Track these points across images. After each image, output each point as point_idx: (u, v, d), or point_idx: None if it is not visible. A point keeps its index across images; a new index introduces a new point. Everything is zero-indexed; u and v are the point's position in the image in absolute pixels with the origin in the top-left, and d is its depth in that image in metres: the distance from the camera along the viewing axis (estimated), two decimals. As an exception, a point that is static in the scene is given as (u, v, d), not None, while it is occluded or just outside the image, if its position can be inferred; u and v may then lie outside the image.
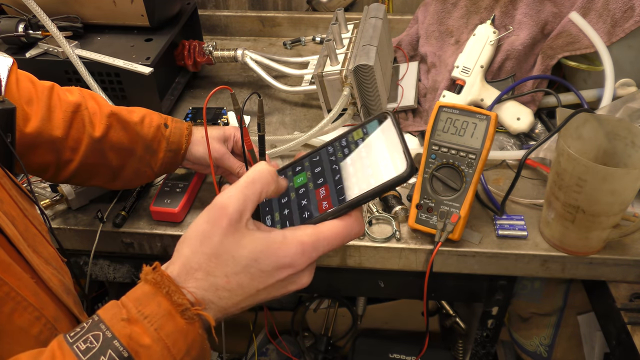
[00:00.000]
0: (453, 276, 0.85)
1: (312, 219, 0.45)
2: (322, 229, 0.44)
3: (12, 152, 0.56)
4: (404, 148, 0.43)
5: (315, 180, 0.48)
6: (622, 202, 0.67)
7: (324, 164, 0.48)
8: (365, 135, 0.47)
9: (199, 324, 0.41)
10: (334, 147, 0.49)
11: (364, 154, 0.46)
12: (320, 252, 0.44)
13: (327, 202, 0.45)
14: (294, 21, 1.34)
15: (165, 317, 0.39)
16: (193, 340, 0.40)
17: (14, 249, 0.47)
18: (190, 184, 0.84)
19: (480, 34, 0.98)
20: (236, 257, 0.42)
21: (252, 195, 0.43)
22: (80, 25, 1.01)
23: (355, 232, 0.45)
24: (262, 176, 0.44)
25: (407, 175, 0.42)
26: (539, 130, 0.97)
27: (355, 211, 0.45)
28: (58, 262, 0.54)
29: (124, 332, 0.38)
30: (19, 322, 0.44)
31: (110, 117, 0.72)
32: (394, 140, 0.44)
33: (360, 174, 0.44)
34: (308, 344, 1.33)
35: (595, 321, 0.94)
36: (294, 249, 0.43)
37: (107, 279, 0.94)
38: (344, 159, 0.47)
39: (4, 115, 0.55)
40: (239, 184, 0.43)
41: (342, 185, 0.45)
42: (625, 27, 0.89)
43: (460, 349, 1.20)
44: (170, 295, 0.40)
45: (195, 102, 1.12)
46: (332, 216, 0.44)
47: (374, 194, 0.43)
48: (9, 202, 0.50)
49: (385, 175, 0.43)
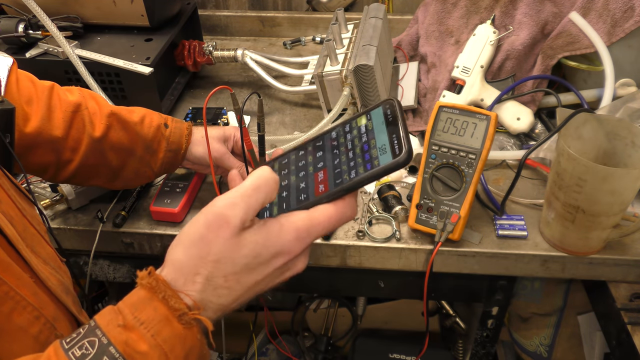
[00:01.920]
0: (453, 276, 0.85)
1: (306, 202, 0.45)
2: (315, 214, 0.44)
3: (10, 152, 0.56)
4: (404, 134, 0.43)
5: (316, 164, 0.48)
6: (622, 202, 0.67)
7: (325, 148, 0.48)
8: (368, 121, 0.47)
9: (197, 328, 0.40)
10: (337, 132, 0.49)
11: (364, 139, 0.46)
12: (314, 237, 0.44)
13: (323, 186, 0.45)
14: (294, 21, 1.34)
15: (162, 322, 0.39)
16: (191, 346, 0.40)
17: (13, 249, 0.47)
18: (190, 184, 0.84)
19: (480, 34, 0.98)
20: (236, 259, 0.41)
21: (255, 204, 0.42)
22: (80, 25, 1.01)
23: (348, 216, 0.45)
24: (267, 184, 0.42)
25: (403, 161, 0.42)
26: (539, 130, 0.97)
27: (348, 195, 0.45)
28: (57, 262, 0.54)
29: (120, 338, 0.38)
30: (18, 322, 0.44)
31: (110, 117, 0.71)
32: (395, 126, 0.44)
33: (359, 159, 0.45)
34: (308, 344, 1.33)
35: (595, 321, 0.94)
36: (290, 236, 0.43)
37: (107, 279, 0.94)
38: (345, 144, 0.47)
39: (2, 116, 0.55)
40: (242, 190, 0.42)
41: (339, 170, 0.45)
42: (625, 27, 0.89)
43: (460, 349, 1.20)
44: (166, 300, 0.39)
45: (195, 102, 1.12)
46: (326, 199, 0.44)
47: (369, 179, 0.43)
48: (7, 202, 0.50)
49: (382, 160, 0.43)
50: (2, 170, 0.52)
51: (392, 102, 0.46)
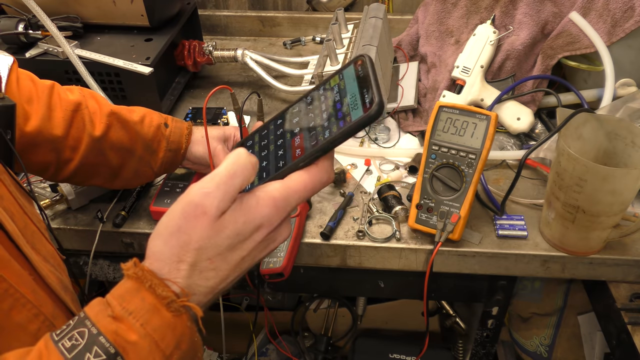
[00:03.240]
0: (453, 276, 0.85)
1: (284, 169, 0.44)
2: (289, 182, 0.43)
3: (11, 149, 0.56)
4: (375, 87, 0.42)
5: (293, 129, 0.47)
6: (622, 202, 0.67)
7: (301, 113, 0.48)
8: (341, 80, 0.46)
9: (186, 316, 0.40)
10: (312, 96, 0.49)
11: (337, 98, 0.45)
12: (293, 205, 0.44)
13: (300, 150, 0.45)
14: (294, 21, 1.34)
15: (150, 311, 0.39)
16: (182, 334, 0.40)
17: (14, 246, 0.47)
18: (190, 184, 0.84)
19: (481, 33, 0.98)
20: (218, 241, 0.41)
21: (232, 191, 0.41)
22: (80, 25, 1.01)
23: (324, 181, 0.45)
24: (244, 169, 0.42)
25: (374, 114, 0.41)
26: (539, 130, 0.97)
27: (321, 159, 0.44)
28: (56, 260, 0.54)
29: (110, 328, 0.38)
30: (17, 319, 0.44)
31: (110, 116, 0.71)
32: (366, 81, 0.43)
33: (332, 118, 0.44)
34: (308, 344, 1.33)
35: (595, 321, 0.94)
36: (268, 208, 0.42)
37: (106, 279, 0.94)
38: (320, 106, 0.47)
39: (4, 112, 0.55)
40: (217, 179, 0.41)
41: (314, 132, 0.45)
42: (625, 27, 0.89)
43: (460, 349, 1.20)
44: (153, 288, 0.39)
45: (195, 102, 1.12)
46: (302, 162, 0.44)
47: (343, 136, 0.43)
48: (8, 199, 0.50)
49: (354, 115, 0.42)
50: (3, 167, 0.52)
51: (363, 58, 0.45)
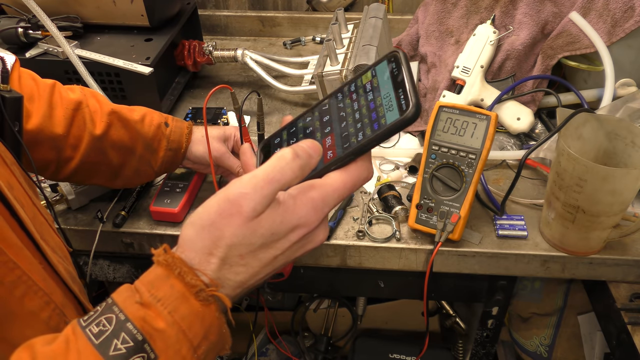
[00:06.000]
0: (453, 276, 0.85)
1: (314, 172, 0.43)
2: (328, 181, 0.42)
3: (19, 140, 0.56)
4: (411, 87, 0.40)
5: (323, 129, 0.46)
6: (622, 202, 0.67)
7: (331, 112, 0.46)
8: (373, 77, 0.44)
9: (215, 306, 0.39)
10: (343, 93, 0.47)
11: (370, 97, 0.43)
12: (331, 205, 0.43)
13: (332, 152, 0.43)
14: (294, 21, 1.34)
15: (179, 299, 0.38)
16: (210, 324, 0.39)
17: (25, 234, 0.47)
18: (190, 183, 0.84)
19: (480, 33, 0.98)
20: (252, 240, 0.40)
21: (269, 194, 0.40)
22: (80, 25, 1.01)
23: (364, 178, 0.44)
24: (283, 175, 0.40)
25: (411, 117, 0.40)
26: (539, 130, 0.97)
27: (361, 158, 0.43)
28: (63, 252, 0.54)
29: (138, 314, 0.37)
30: (29, 306, 0.44)
31: (111, 115, 0.72)
32: (401, 80, 0.41)
33: (366, 119, 0.43)
34: (308, 344, 1.33)
35: (595, 321, 0.94)
36: (306, 208, 0.41)
37: (107, 279, 0.94)
38: (351, 105, 0.45)
39: (12, 104, 0.55)
40: (256, 179, 0.40)
41: (347, 133, 0.43)
42: (625, 27, 0.89)
43: (460, 349, 1.20)
44: (182, 276, 0.38)
45: (195, 102, 1.12)
46: (334, 166, 0.43)
47: (378, 139, 0.41)
48: (18, 189, 0.50)
49: (389, 118, 0.41)
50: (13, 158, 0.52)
51: (397, 54, 0.43)
